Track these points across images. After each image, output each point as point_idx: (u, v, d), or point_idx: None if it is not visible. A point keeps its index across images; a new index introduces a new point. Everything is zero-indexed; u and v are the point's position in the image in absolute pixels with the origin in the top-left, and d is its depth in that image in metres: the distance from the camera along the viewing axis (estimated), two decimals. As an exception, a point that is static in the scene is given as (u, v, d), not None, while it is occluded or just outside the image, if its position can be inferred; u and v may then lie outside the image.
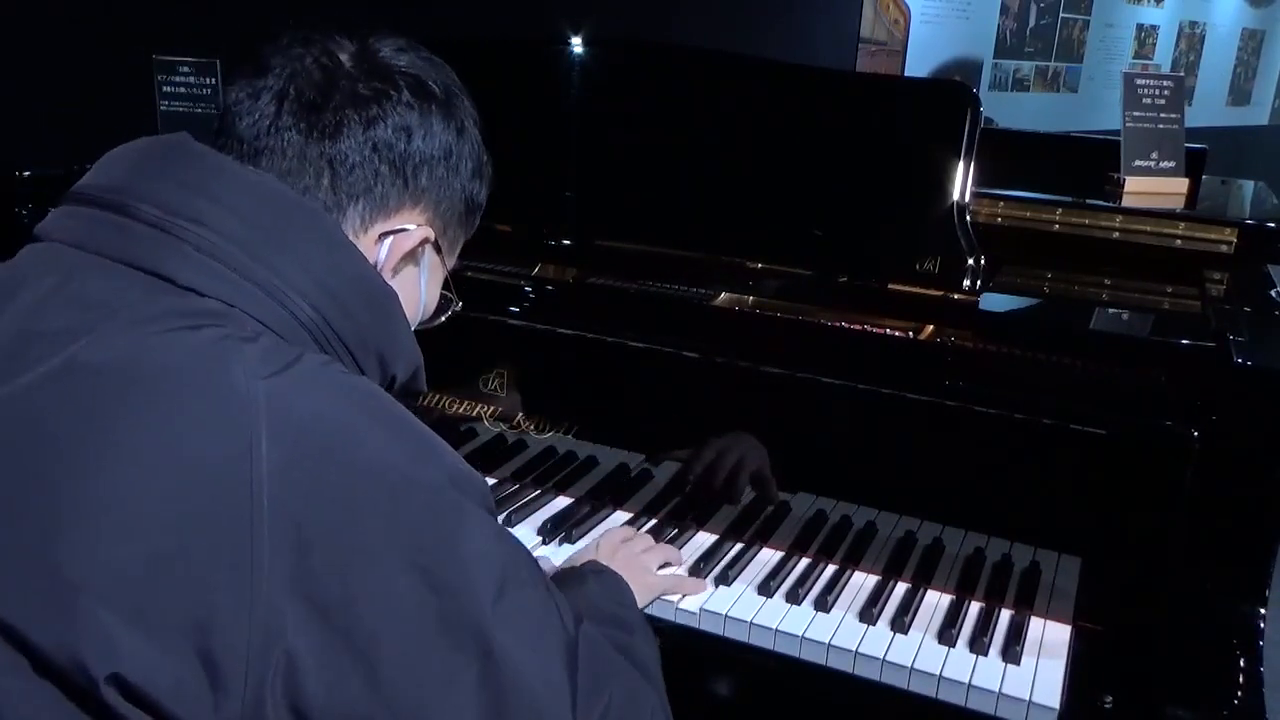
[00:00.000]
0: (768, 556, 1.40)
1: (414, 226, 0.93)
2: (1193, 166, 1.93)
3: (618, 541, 1.35)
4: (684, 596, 1.31)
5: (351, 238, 0.89)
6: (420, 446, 0.81)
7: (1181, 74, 3.02)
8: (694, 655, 1.31)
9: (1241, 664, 1.16)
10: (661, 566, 1.36)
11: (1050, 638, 1.26)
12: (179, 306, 0.78)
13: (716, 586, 1.34)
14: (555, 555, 1.39)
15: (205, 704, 0.71)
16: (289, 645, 0.72)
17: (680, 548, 1.41)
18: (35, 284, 0.80)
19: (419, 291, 0.99)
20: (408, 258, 0.95)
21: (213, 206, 0.81)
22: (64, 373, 0.74)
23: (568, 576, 1.16)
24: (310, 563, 0.72)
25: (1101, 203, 1.76)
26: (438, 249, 0.98)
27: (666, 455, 1.48)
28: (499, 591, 0.80)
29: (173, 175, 0.83)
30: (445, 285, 1.04)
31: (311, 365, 0.78)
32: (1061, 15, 5.99)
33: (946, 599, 1.32)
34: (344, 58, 0.91)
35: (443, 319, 1.07)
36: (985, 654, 1.22)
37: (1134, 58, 6.64)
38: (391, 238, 0.92)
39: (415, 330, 1.00)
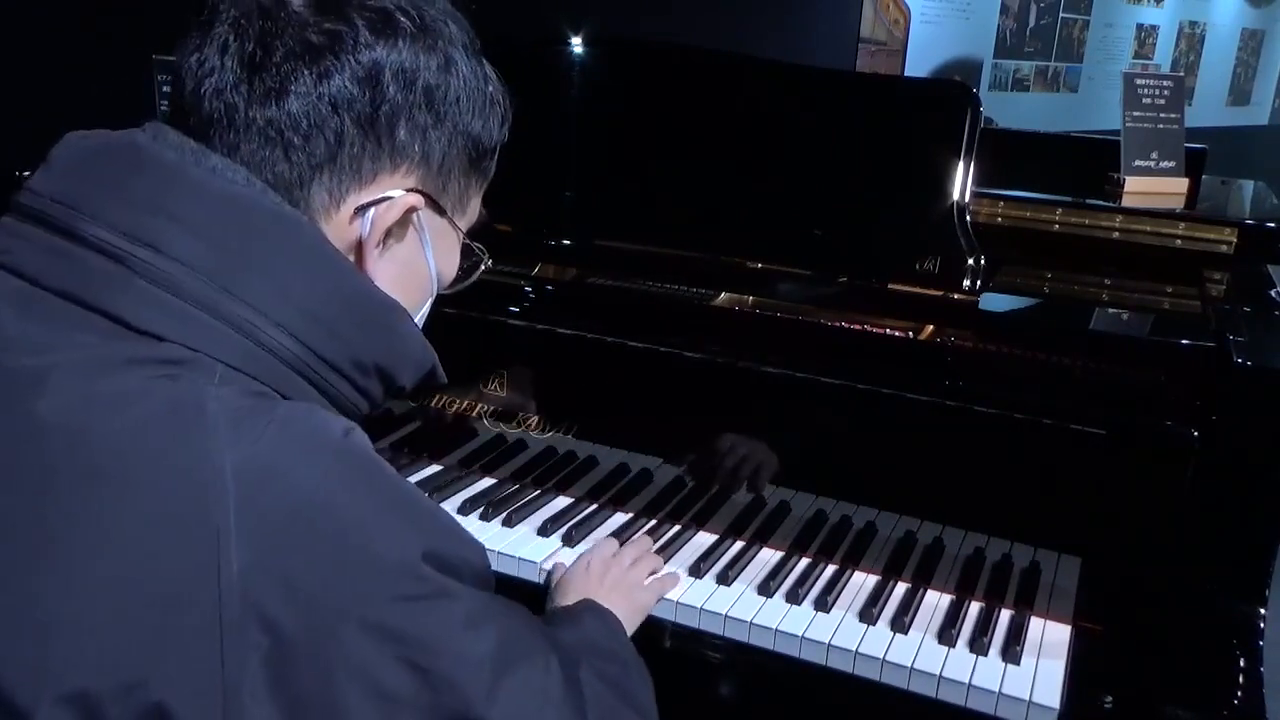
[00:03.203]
0: (768, 556, 1.40)
1: (397, 193, 0.80)
2: (1193, 166, 1.93)
3: (608, 556, 1.32)
4: (685, 592, 1.31)
5: (321, 219, 0.79)
6: (400, 521, 0.73)
7: (1181, 74, 3.02)
8: (694, 655, 1.31)
9: (1241, 664, 1.16)
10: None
11: (1050, 638, 1.26)
12: (134, 353, 0.69)
13: (717, 586, 1.34)
14: (555, 555, 1.39)
15: None
16: None
17: (680, 548, 1.42)
18: None
19: (425, 264, 0.86)
20: (397, 230, 0.82)
21: (171, 226, 0.72)
22: (23, 432, 0.67)
23: (563, 616, 1.13)
24: (289, 667, 0.66)
25: (1101, 203, 1.76)
26: (439, 210, 0.85)
27: (666, 455, 1.48)
28: (494, 674, 0.75)
29: (125, 188, 0.73)
30: (465, 247, 0.91)
31: (284, 425, 0.69)
32: (1061, 15, 5.99)
33: (946, 599, 1.32)
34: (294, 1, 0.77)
35: (473, 279, 0.94)
36: (985, 654, 1.22)
37: (1134, 58, 6.64)
38: (371, 210, 0.79)
39: (444, 294, 0.91)
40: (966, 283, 1.39)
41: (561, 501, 1.52)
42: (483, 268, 0.94)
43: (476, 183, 0.89)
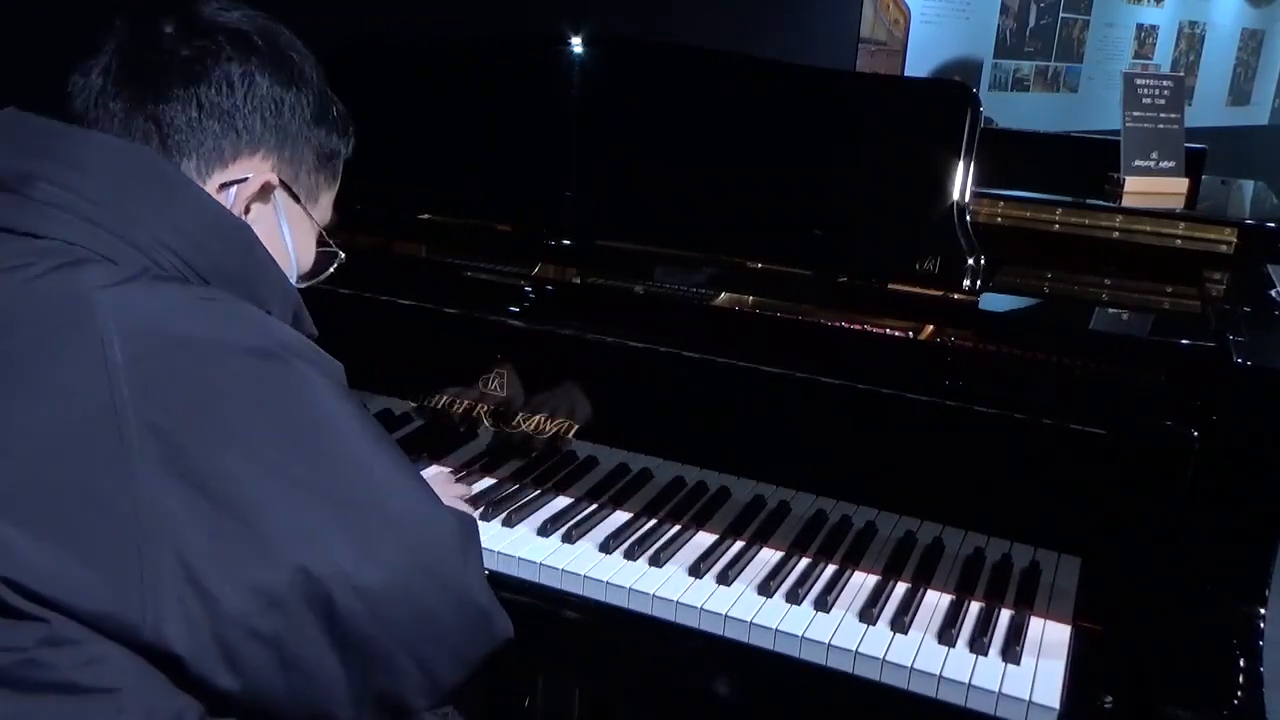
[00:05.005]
0: (768, 556, 1.40)
1: (254, 173, 0.97)
2: (1193, 166, 1.93)
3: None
4: (685, 592, 1.31)
5: None
6: (255, 324, 0.87)
7: (1181, 74, 3.02)
8: (694, 655, 1.31)
9: (1241, 664, 1.16)
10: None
11: (1050, 638, 1.26)
12: (16, 249, 0.83)
13: (717, 586, 1.34)
14: (555, 555, 1.39)
15: (105, 595, 0.75)
16: (176, 527, 0.77)
17: (680, 548, 1.41)
18: None
19: (282, 241, 1.03)
20: (257, 206, 0.99)
21: (52, 163, 0.86)
22: None
23: None
24: (176, 444, 0.78)
25: (1101, 203, 1.76)
26: (293, 196, 1.02)
27: (666, 455, 1.48)
28: (363, 437, 0.86)
29: (9, 141, 0.89)
30: (322, 241, 1.08)
31: (149, 277, 0.84)
32: (1061, 15, 5.98)
33: (946, 599, 1.32)
34: (166, 26, 0.95)
35: (329, 272, 1.10)
36: (985, 654, 1.22)
37: (1134, 58, 6.63)
38: (234, 187, 0.96)
39: (312, 286, 1.05)
40: (966, 283, 1.39)
41: (561, 501, 1.52)
42: (337, 263, 1.11)
43: (326, 180, 1.07)
